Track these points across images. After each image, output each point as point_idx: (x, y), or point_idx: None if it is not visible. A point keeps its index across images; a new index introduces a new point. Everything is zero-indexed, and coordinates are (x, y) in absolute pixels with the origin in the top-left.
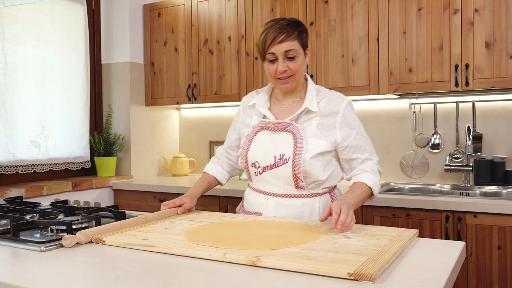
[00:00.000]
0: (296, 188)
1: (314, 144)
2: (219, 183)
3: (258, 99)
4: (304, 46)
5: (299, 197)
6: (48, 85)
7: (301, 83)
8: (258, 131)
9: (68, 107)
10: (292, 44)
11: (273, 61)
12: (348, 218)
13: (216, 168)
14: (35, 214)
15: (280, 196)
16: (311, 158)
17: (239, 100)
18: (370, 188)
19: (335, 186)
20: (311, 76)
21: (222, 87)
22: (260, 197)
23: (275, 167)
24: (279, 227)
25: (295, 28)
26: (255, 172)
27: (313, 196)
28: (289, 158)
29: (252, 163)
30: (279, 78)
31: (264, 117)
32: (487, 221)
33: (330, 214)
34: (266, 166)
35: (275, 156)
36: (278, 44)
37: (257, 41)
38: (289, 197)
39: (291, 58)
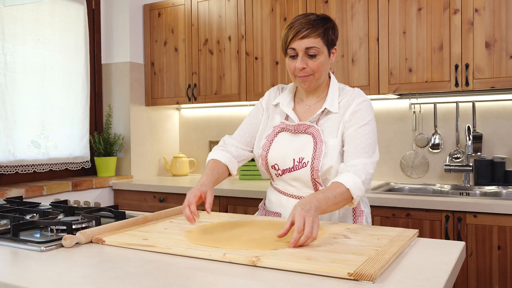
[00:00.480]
0: (315, 190)
1: (332, 144)
2: (230, 174)
3: (282, 98)
4: (330, 44)
5: None
6: (48, 85)
7: (324, 82)
8: (279, 132)
9: (68, 107)
10: (315, 42)
11: (294, 57)
12: (314, 232)
13: (226, 155)
14: (35, 214)
15: (300, 198)
16: (333, 164)
17: (239, 100)
18: (349, 189)
19: None
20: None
21: (222, 87)
22: (280, 197)
23: (294, 170)
24: (280, 227)
25: (321, 25)
26: (275, 174)
27: None
28: (308, 162)
29: (272, 165)
30: (298, 76)
31: (287, 117)
32: (487, 221)
33: (293, 224)
34: (285, 169)
35: (294, 159)
36: (300, 40)
37: (282, 34)
38: None
39: (311, 56)
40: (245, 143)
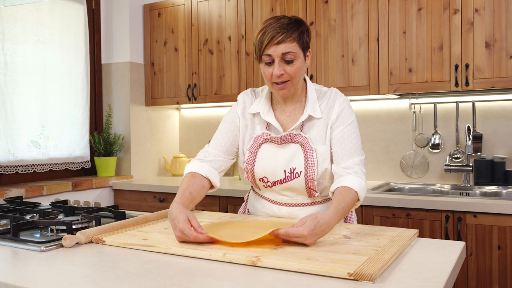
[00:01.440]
0: (309, 196)
1: (322, 151)
2: (212, 186)
3: (259, 106)
4: (305, 48)
5: (312, 205)
6: (48, 85)
7: (301, 87)
8: (262, 143)
9: (68, 107)
10: (291, 46)
11: (270, 63)
12: (307, 241)
13: (205, 168)
14: (35, 214)
15: (293, 206)
16: (326, 172)
17: None
18: (356, 192)
19: None
20: (311, 77)
21: (222, 87)
22: (271, 207)
23: (286, 181)
24: (281, 227)
25: (295, 28)
26: (263, 185)
27: (326, 202)
28: (300, 172)
29: (260, 178)
30: (275, 83)
31: (268, 126)
32: (487, 221)
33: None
34: (276, 181)
35: (285, 171)
36: (276, 46)
37: (254, 40)
38: (303, 205)
39: (288, 62)
40: (226, 152)
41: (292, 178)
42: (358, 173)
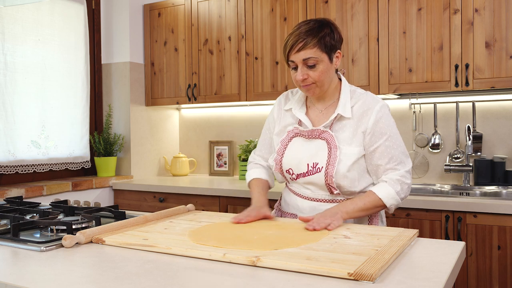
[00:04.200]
0: (330, 193)
1: (347, 152)
2: (269, 187)
3: (293, 103)
4: (330, 50)
5: (334, 202)
6: (48, 85)
7: (334, 86)
8: (293, 137)
9: (68, 107)
10: (311, 52)
11: (295, 68)
12: (331, 225)
13: (263, 172)
14: (35, 214)
15: (315, 201)
16: (346, 172)
17: (239, 100)
18: (381, 199)
19: None
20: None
21: (222, 87)
22: (296, 199)
23: (308, 175)
24: (283, 228)
25: (315, 34)
26: (290, 177)
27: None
28: (322, 167)
29: (287, 170)
30: (302, 85)
31: (300, 122)
32: (487, 221)
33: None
34: (300, 174)
35: (308, 164)
36: (297, 53)
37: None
38: (324, 201)
39: (311, 67)
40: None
41: (313, 172)
42: (392, 184)
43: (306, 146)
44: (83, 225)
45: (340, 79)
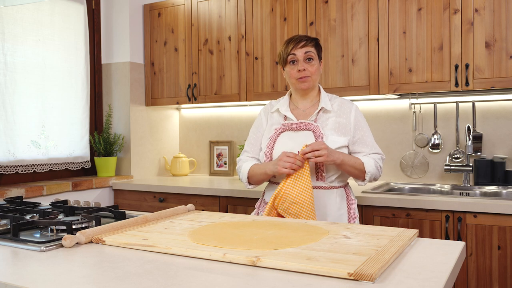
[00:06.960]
0: (316, 179)
1: (333, 140)
2: None
3: (279, 105)
4: (319, 54)
5: (317, 189)
6: (48, 85)
7: (316, 89)
8: (281, 133)
9: (68, 107)
10: (311, 49)
11: (294, 62)
12: (321, 151)
13: (256, 161)
14: (35, 214)
15: None
16: None
17: (239, 100)
18: (363, 163)
19: (348, 183)
20: None
21: (222, 87)
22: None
23: None
24: (283, 228)
25: (313, 40)
26: None
27: (330, 189)
28: None
29: None
30: (299, 78)
31: (285, 119)
32: (487, 221)
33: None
34: None
35: (298, 152)
36: (301, 48)
37: (280, 50)
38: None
39: (309, 60)
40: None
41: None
42: (372, 156)
43: (295, 137)
44: (83, 225)
45: (319, 88)
